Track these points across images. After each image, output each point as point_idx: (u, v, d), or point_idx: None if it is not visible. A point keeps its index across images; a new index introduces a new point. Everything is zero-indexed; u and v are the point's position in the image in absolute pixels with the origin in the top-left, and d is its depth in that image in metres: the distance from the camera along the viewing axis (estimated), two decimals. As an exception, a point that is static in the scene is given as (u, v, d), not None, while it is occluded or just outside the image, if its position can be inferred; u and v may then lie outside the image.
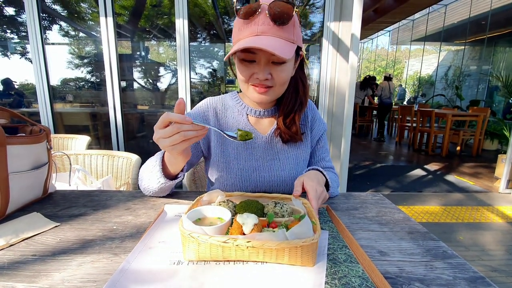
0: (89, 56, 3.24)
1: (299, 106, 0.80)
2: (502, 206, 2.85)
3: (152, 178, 0.70)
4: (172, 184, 0.71)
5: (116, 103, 2.64)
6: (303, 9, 3.08)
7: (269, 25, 0.63)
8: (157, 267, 0.45)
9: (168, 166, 0.68)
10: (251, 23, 0.64)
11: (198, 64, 4.09)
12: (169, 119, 0.53)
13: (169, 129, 0.53)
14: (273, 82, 0.70)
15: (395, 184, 3.49)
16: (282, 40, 0.64)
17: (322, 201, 0.66)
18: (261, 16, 0.64)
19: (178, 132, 0.53)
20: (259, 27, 0.64)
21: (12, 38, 3.31)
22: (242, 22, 0.66)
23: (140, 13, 3.38)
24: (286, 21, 0.63)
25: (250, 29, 0.64)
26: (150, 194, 0.77)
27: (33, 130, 0.72)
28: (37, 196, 0.73)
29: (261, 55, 0.66)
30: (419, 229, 0.61)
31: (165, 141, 0.54)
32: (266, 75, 0.68)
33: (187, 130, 0.53)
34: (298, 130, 0.81)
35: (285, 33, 0.64)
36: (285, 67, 0.69)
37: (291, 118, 0.80)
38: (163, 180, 0.68)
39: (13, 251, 0.50)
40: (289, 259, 0.45)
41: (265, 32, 0.63)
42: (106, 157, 1.25)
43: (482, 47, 9.55)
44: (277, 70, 0.68)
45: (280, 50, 0.61)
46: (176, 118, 0.52)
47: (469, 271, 0.47)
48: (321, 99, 2.69)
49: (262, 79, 0.68)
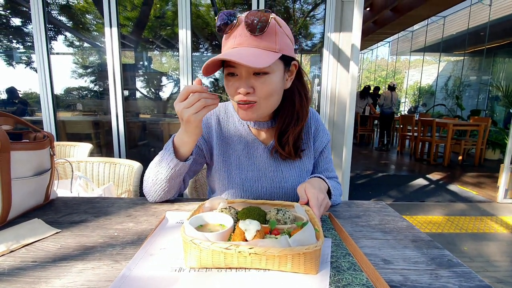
0: (93, 65, 3.29)
1: (295, 122, 0.76)
2: (505, 216, 2.81)
3: (161, 169, 0.71)
4: (182, 169, 0.71)
5: (119, 111, 2.67)
6: (303, 20, 3.14)
7: (246, 36, 0.63)
8: (158, 274, 0.45)
9: (179, 148, 0.71)
10: (230, 37, 0.65)
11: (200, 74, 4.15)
12: (190, 90, 0.61)
13: (191, 97, 0.61)
14: (256, 96, 0.66)
15: (397, 194, 3.47)
16: (259, 50, 0.62)
17: (325, 208, 0.65)
18: (239, 28, 0.64)
19: (199, 100, 0.60)
20: (236, 39, 0.64)
21: (18, 48, 3.38)
22: (224, 38, 0.67)
23: (144, 24, 3.45)
24: (263, 29, 0.62)
25: (229, 42, 0.65)
26: (157, 196, 0.75)
27: (37, 136, 0.73)
28: (39, 202, 0.73)
29: (241, 68, 0.65)
30: (423, 237, 0.61)
31: (189, 110, 0.61)
32: (248, 88, 0.65)
33: (206, 98, 0.61)
34: (291, 152, 0.78)
35: (264, 42, 0.63)
36: (269, 78, 0.65)
37: (286, 136, 0.78)
38: (175, 161, 0.69)
39: (14, 257, 0.50)
40: (292, 267, 0.45)
41: (241, 43, 0.63)
42: (108, 165, 1.25)
43: (481, 57, 9.65)
44: (259, 83, 0.65)
45: (253, 59, 0.58)
46: (196, 88, 0.61)
47: (475, 280, 0.46)
48: (322, 108, 2.70)
49: (243, 93, 0.65)
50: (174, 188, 0.76)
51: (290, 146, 0.78)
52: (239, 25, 0.64)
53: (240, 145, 0.82)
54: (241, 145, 0.82)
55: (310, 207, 0.61)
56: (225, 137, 0.83)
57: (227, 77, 0.69)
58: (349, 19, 2.46)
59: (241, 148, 0.82)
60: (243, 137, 0.83)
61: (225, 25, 0.64)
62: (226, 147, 0.83)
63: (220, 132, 0.83)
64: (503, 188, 3.20)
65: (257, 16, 0.61)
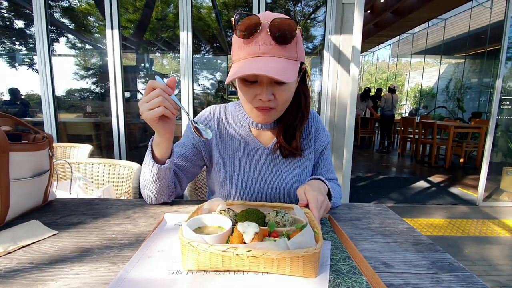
0: (94, 67, 3.31)
1: (300, 120, 0.79)
2: (507, 219, 2.79)
3: (146, 171, 0.71)
4: (163, 172, 0.70)
5: (120, 113, 2.67)
6: (304, 22, 3.14)
7: (271, 44, 0.60)
8: (155, 276, 0.44)
9: (154, 149, 0.70)
10: (252, 43, 0.61)
11: (201, 75, 4.15)
12: (152, 85, 0.58)
13: (152, 93, 0.58)
14: (276, 103, 0.68)
15: (398, 196, 3.45)
16: (285, 60, 0.61)
17: (324, 211, 0.64)
18: (262, 35, 0.60)
19: (157, 96, 0.57)
20: (260, 47, 0.61)
21: (21, 50, 3.40)
22: (241, 41, 0.63)
23: (146, 27, 3.46)
24: (289, 40, 0.60)
25: (250, 48, 0.61)
26: (149, 198, 0.75)
27: (36, 137, 0.72)
28: (37, 204, 0.73)
29: (263, 76, 0.64)
30: (424, 240, 0.60)
31: (144, 105, 0.58)
32: (269, 96, 0.65)
33: (166, 99, 0.58)
34: (298, 146, 0.80)
35: (288, 52, 0.62)
36: (288, 86, 0.67)
37: (291, 132, 0.79)
38: (152, 163, 0.69)
39: (10, 258, 0.50)
40: (290, 270, 0.44)
41: (266, 52, 0.61)
42: (108, 166, 1.25)
43: (482, 60, 9.64)
44: (280, 90, 0.66)
45: (283, 72, 0.58)
46: (159, 85, 0.58)
47: (477, 284, 0.45)
48: (323, 110, 2.70)
49: (265, 100, 0.66)
50: (164, 190, 0.74)
51: (297, 141, 0.79)
52: (262, 31, 0.61)
53: (240, 146, 0.82)
54: (241, 147, 0.82)
55: (310, 209, 0.61)
56: (225, 139, 0.83)
57: (244, 83, 0.67)
58: (350, 21, 2.47)
59: (241, 150, 0.82)
60: (243, 139, 0.82)
61: (248, 29, 0.60)
62: (226, 149, 0.82)
63: (220, 134, 0.83)
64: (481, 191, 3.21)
65: (284, 26, 0.59)
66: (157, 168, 0.69)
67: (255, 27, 0.60)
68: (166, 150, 0.70)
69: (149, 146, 0.71)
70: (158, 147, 0.69)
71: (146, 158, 0.71)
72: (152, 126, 0.63)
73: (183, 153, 0.81)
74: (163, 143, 0.68)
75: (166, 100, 0.58)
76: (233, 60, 0.67)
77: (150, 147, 0.70)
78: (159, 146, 0.69)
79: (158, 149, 0.69)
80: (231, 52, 0.69)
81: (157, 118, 0.60)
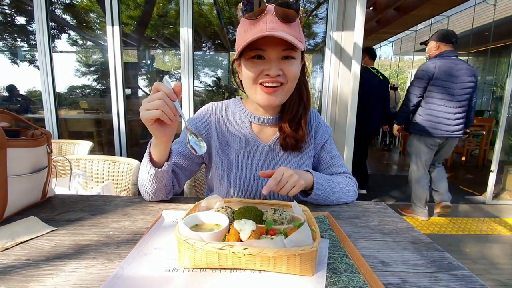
0: (95, 64, 3.30)
1: (303, 111, 0.80)
2: (509, 218, 2.78)
3: (143, 171, 0.71)
4: (160, 175, 0.69)
5: (120, 110, 2.67)
6: (306, 19, 3.12)
7: (277, 23, 0.64)
8: (151, 274, 0.44)
9: (152, 152, 0.69)
10: (259, 22, 0.65)
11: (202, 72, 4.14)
12: (158, 88, 0.57)
13: (155, 95, 0.57)
14: (285, 78, 0.70)
15: (399, 194, 3.44)
16: (291, 37, 0.64)
17: (291, 185, 0.66)
18: (268, 16, 0.65)
19: (158, 99, 0.56)
20: (267, 24, 0.64)
21: (22, 46, 3.39)
22: (248, 23, 0.66)
23: (147, 23, 3.45)
24: (293, 18, 0.65)
25: (258, 27, 0.65)
26: (147, 196, 0.75)
27: (34, 133, 0.72)
28: (36, 200, 0.73)
29: (270, 51, 0.66)
30: (423, 239, 0.60)
31: (145, 104, 0.58)
32: (277, 70, 0.68)
33: (167, 103, 0.57)
34: (304, 133, 0.80)
35: (293, 31, 0.66)
36: (295, 62, 0.70)
37: (296, 122, 0.80)
38: (149, 166, 0.68)
39: (7, 255, 0.50)
40: (287, 268, 0.44)
41: (274, 28, 0.64)
42: (107, 163, 1.25)
43: (485, 57, 9.55)
44: (288, 65, 0.68)
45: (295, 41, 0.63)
46: (164, 88, 0.57)
47: (476, 283, 0.45)
48: (324, 107, 2.69)
49: (273, 75, 0.68)
50: (161, 190, 0.74)
51: (303, 128, 0.80)
52: (268, 13, 0.65)
53: (239, 143, 0.82)
54: (240, 144, 0.82)
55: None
56: (225, 136, 0.83)
57: (252, 60, 0.69)
58: (352, 18, 2.44)
59: (241, 147, 0.81)
60: (243, 136, 0.82)
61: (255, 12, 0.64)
62: (226, 146, 0.82)
63: (220, 131, 0.83)
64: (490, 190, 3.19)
65: (288, 4, 0.64)
66: (154, 171, 0.69)
67: (262, 10, 0.65)
68: (164, 153, 0.69)
69: (148, 147, 0.69)
70: (155, 149, 0.68)
71: (144, 159, 0.70)
72: (148, 127, 0.62)
73: (182, 151, 0.81)
74: (160, 146, 0.67)
75: (166, 105, 0.57)
76: (238, 46, 0.69)
77: (148, 148, 0.69)
78: (156, 148, 0.68)
79: (155, 151, 0.68)
80: (236, 41, 0.71)
81: (152, 120, 0.59)
